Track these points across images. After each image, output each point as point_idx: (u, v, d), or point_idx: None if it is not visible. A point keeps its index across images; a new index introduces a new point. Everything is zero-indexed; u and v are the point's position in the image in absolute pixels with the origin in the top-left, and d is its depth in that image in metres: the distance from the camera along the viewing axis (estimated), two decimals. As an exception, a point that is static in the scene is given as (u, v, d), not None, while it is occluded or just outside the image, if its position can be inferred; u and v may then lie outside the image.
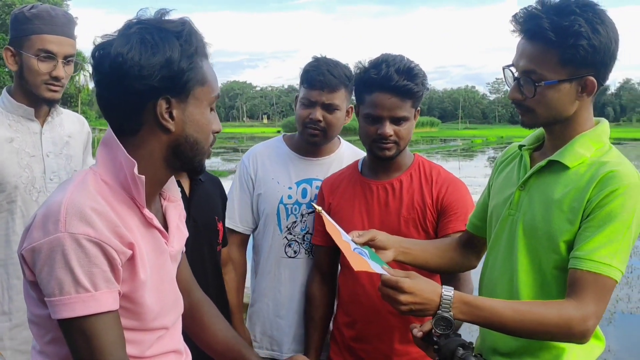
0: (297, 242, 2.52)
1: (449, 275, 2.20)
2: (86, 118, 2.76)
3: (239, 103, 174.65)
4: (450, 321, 1.52)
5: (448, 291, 1.53)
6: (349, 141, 2.68)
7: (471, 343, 1.61)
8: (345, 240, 1.74)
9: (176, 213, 1.56)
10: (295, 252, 2.51)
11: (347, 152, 2.63)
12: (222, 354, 1.70)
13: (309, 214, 2.51)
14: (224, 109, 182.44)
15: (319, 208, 1.81)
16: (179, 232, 1.56)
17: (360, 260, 1.68)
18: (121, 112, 1.36)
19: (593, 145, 1.63)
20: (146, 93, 1.31)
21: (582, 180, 1.59)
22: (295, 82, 2.70)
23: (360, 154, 2.61)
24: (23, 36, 2.27)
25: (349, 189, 2.34)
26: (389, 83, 2.09)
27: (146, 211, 1.38)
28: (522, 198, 1.71)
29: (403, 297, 1.52)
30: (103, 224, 1.26)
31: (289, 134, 2.69)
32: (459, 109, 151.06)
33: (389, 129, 2.14)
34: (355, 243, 1.76)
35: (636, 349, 5.88)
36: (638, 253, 9.81)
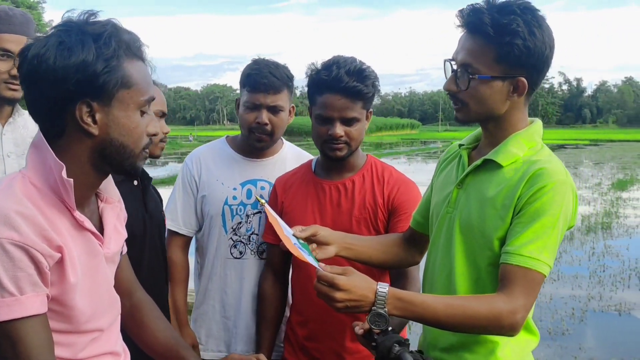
0: (243, 242, 2.55)
1: (398, 273, 2.23)
2: None
3: (220, 106, 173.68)
4: (385, 317, 1.55)
5: (383, 287, 1.56)
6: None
7: (407, 340, 1.65)
8: (286, 235, 1.76)
9: (113, 215, 1.55)
10: (241, 252, 2.54)
11: (290, 153, 2.68)
12: (161, 355, 1.72)
13: (254, 214, 2.55)
14: (205, 112, 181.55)
15: (262, 201, 1.84)
16: (116, 234, 1.56)
17: (300, 254, 1.71)
18: (43, 115, 1.36)
19: (526, 144, 1.70)
20: (64, 97, 1.31)
21: (514, 178, 1.64)
22: None
23: (303, 154, 2.72)
24: None
25: (302, 188, 2.38)
26: (339, 84, 2.13)
27: (77, 214, 1.37)
28: (460, 196, 1.77)
29: (338, 295, 1.54)
30: (29, 228, 1.25)
31: (232, 135, 2.73)
32: (439, 111, 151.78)
33: (339, 129, 2.18)
34: (297, 238, 1.79)
35: (608, 347, 5.99)
36: (611, 252, 10.03)
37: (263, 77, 2.41)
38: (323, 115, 2.20)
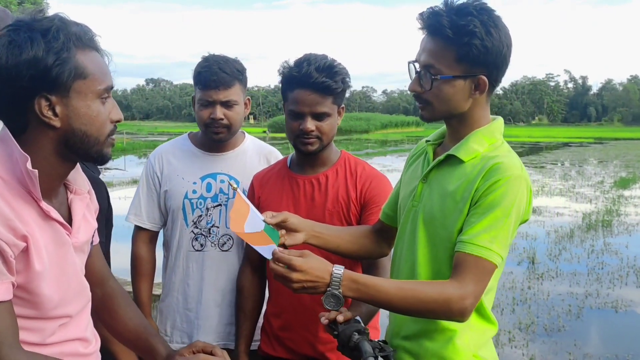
0: (203, 235, 2.61)
1: (369, 264, 2.29)
2: None
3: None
4: (340, 298, 1.61)
5: (338, 269, 1.62)
6: (337, 141, 2.77)
7: (367, 329, 1.72)
8: (249, 220, 1.80)
9: (82, 205, 1.60)
10: (201, 245, 2.60)
11: (252, 146, 2.74)
12: (131, 341, 1.78)
13: (214, 207, 2.61)
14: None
15: (235, 186, 1.89)
16: (85, 224, 1.60)
17: (254, 241, 1.76)
18: (5, 112, 1.41)
19: (486, 140, 1.77)
20: (21, 94, 1.36)
21: (472, 173, 1.71)
22: None
23: (265, 147, 2.79)
24: None
25: (278, 183, 2.44)
26: (309, 80, 2.20)
27: (43, 204, 1.42)
28: (424, 190, 1.83)
29: (295, 275, 1.60)
30: None
31: (194, 131, 2.78)
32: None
33: (310, 124, 2.25)
34: (267, 224, 1.84)
35: (603, 343, 6.04)
36: (610, 250, 10.06)
37: (213, 73, 2.47)
38: (294, 110, 2.27)
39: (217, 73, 2.47)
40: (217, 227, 2.61)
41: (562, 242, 10.75)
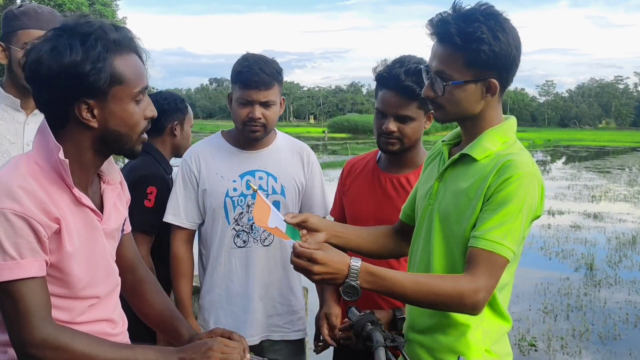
0: (245, 232, 2.65)
1: None
2: None
3: (287, 103, 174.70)
4: (357, 289, 1.65)
5: (356, 262, 1.65)
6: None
7: (379, 320, 1.78)
8: (271, 221, 1.88)
9: (114, 194, 1.72)
10: (244, 241, 2.64)
11: (284, 143, 2.78)
12: (158, 325, 1.89)
13: (254, 204, 2.65)
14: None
15: (255, 187, 1.93)
16: (116, 212, 1.72)
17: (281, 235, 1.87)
18: (47, 110, 1.55)
19: (499, 139, 1.81)
20: (62, 97, 1.48)
21: (485, 170, 1.75)
22: (343, 82, 2.87)
23: (297, 143, 2.83)
24: (11, 32, 2.47)
25: (363, 174, 2.55)
26: (395, 82, 2.27)
27: (75, 191, 1.54)
28: (440, 189, 1.88)
29: (316, 268, 1.64)
30: (30, 201, 1.43)
31: (227, 130, 2.82)
32: (507, 112, 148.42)
33: (392, 125, 2.31)
34: (287, 223, 1.90)
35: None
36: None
37: (254, 74, 2.50)
38: (380, 109, 2.35)
39: (258, 74, 2.50)
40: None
41: (623, 249, 10.43)
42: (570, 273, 8.74)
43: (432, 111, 2.33)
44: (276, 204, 2.62)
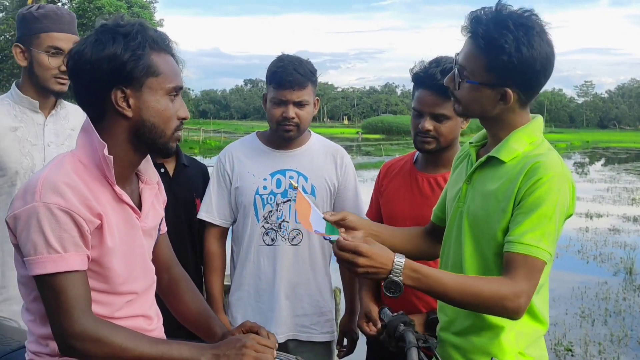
0: (274, 230, 2.67)
1: None
2: None
3: (321, 104, 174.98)
4: (400, 285, 1.64)
5: (400, 258, 1.64)
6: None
7: (412, 321, 1.78)
8: (312, 219, 1.87)
9: (151, 194, 1.78)
10: (272, 239, 2.66)
11: (318, 144, 2.80)
12: (192, 323, 1.93)
13: (284, 202, 2.67)
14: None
15: (295, 184, 1.95)
16: (154, 211, 1.78)
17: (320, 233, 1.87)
18: (87, 102, 1.62)
19: (526, 140, 1.79)
20: (100, 85, 1.56)
21: (513, 172, 1.74)
22: (377, 83, 2.87)
23: (331, 145, 2.84)
24: (32, 34, 2.48)
25: (400, 175, 2.57)
26: (431, 81, 2.28)
27: (117, 188, 1.61)
28: (468, 191, 1.88)
29: (361, 260, 1.63)
30: (74, 196, 1.49)
31: (262, 130, 2.86)
32: (544, 113, 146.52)
33: (428, 124, 2.33)
34: (326, 221, 1.89)
35: None
36: None
37: (288, 74, 2.54)
38: (416, 109, 2.37)
39: (292, 74, 2.54)
40: (287, 222, 2.67)
41: (668, 252, 10.18)
42: (609, 277, 8.57)
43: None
44: None
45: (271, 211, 2.67)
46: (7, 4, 44.07)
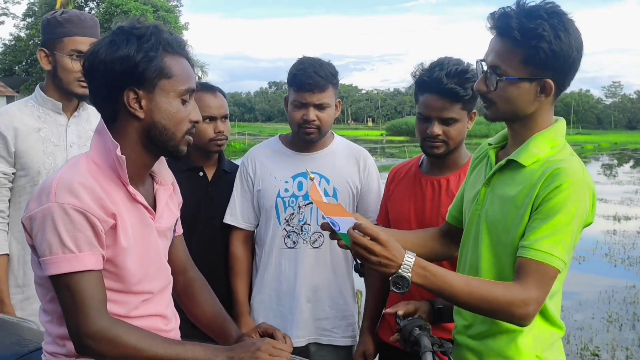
0: (296, 232, 2.66)
1: None
2: None
3: (344, 106, 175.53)
4: (408, 281, 1.62)
5: (410, 255, 1.64)
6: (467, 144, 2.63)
7: (428, 325, 1.76)
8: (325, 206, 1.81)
9: (166, 195, 1.79)
10: (294, 242, 2.65)
11: (341, 147, 2.78)
12: (207, 326, 1.93)
13: (305, 205, 2.66)
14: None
15: (312, 175, 1.92)
16: (168, 211, 1.79)
17: (334, 208, 1.78)
18: (101, 102, 1.64)
19: (547, 144, 1.75)
20: (114, 85, 1.57)
21: (533, 178, 1.70)
22: (402, 85, 2.87)
23: (355, 148, 2.82)
24: (56, 38, 2.55)
25: (406, 179, 2.55)
26: (438, 86, 2.24)
27: (130, 188, 1.62)
28: (487, 195, 1.84)
29: (378, 248, 1.60)
30: (88, 196, 1.50)
31: (285, 133, 2.85)
32: (571, 113, 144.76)
33: (437, 128, 2.29)
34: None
35: None
36: None
37: (308, 77, 2.53)
38: (423, 114, 2.33)
39: (313, 76, 2.52)
40: (309, 225, 2.65)
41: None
42: (637, 281, 8.39)
43: (474, 111, 2.34)
44: None
45: (293, 214, 2.67)
46: (36, 9, 44.80)
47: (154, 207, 1.73)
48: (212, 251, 2.71)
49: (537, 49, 1.65)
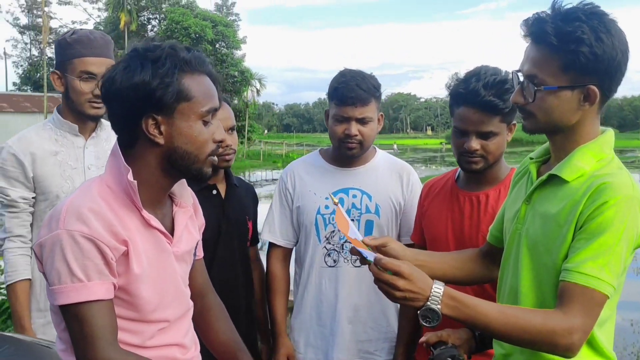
0: (336, 251, 2.59)
1: None
2: (253, 131, 3.02)
3: (403, 115, 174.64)
4: (437, 314, 1.54)
5: (439, 285, 1.56)
6: (515, 152, 2.56)
7: (461, 355, 1.68)
8: (351, 236, 1.77)
9: (185, 217, 1.73)
10: (334, 261, 2.58)
11: (383, 161, 2.70)
12: (221, 354, 1.89)
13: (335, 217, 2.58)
14: (388, 121, 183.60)
15: (336, 200, 1.84)
16: (188, 235, 1.73)
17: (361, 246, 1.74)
18: (120, 128, 1.60)
19: (593, 157, 1.63)
20: (131, 112, 1.53)
21: (577, 194, 1.58)
22: None
23: (397, 163, 2.73)
24: (66, 60, 2.53)
25: (441, 195, 2.42)
26: (475, 98, 2.11)
27: (144, 213, 1.57)
28: (528, 212, 1.72)
29: (401, 283, 1.54)
30: (98, 223, 1.46)
31: (325, 147, 2.78)
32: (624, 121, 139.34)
33: (474, 143, 2.17)
34: (366, 244, 1.77)
35: None
36: None
37: (350, 90, 2.45)
38: (459, 128, 2.20)
39: (355, 90, 2.46)
40: (349, 243, 2.58)
41: None
42: None
43: (514, 122, 2.21)
44: (369, 224, 2.59)
45: (333, 231, 2.60)
46: (102, 28, 46.40)
47: (173, 230, 1.68)
48: (231, 270, 2.62)
49: (577, 54, 1.53)
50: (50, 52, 44.93)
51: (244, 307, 2.63)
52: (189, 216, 1.76)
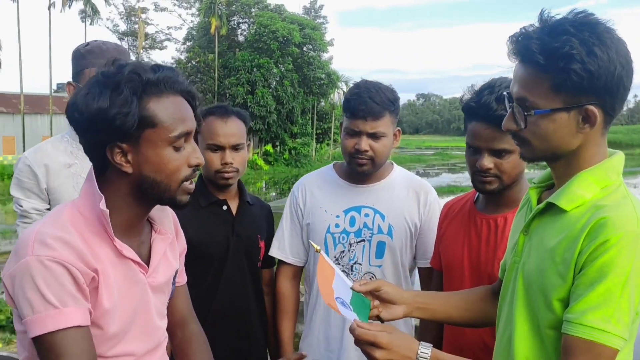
0: (346, 272, 2.42)
1: (426, 275, 2.25)
2: (338, 133, 2.91)
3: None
4: None
5: (425, 349, 1.50)
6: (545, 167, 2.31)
7: None
8: (334, 286, 1.67)
9: (164, 245, 1.62)
10: None
11: (400, 179, 2.53)
12: None
13: (357, 242, 2.44)
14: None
15: (317, 247, 1.73)
16: (166, 263, 1.62)
17: (337, 309, 1.65)
18: (88, 153, 1.49)
19: (596, 184, 1.43)
20: (97, 140, 1.42)
21: (576, 227, 1.39)
22: None
23: (415, 180, 2.57)
24: (79, 71, 2.49)
25: (459, 217, 2.25)
26: (487, 112, 1.92)
27: (117, 242, 1.46)
28: (525, 244, 1.55)
29: (378, 353, 1.48)
30: (67, 250, 1.35)
31: (340, 162, 2.62)
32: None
33: (487, 161, 1.98)
34: (354, 290, 1.69)
35: None
36: None
37: (362, 103, 2.29)
38: (471, 144, 2.03)
39: (367, 102, 2.29)
40: (360, 265, 2.43)
41: None
42: None
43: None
44: (381, 245, 2.44)
45: (343, 252, 2.45)
46: (194, 33, 47.82)
47: (149, 258, 1.57)
48: (242, 292, 2.51)
49: (568, 72, 1.34)
50: (146, 57, 46.95)
51: (255, 334, 2.56)
52: (169, 243, 1.66)
